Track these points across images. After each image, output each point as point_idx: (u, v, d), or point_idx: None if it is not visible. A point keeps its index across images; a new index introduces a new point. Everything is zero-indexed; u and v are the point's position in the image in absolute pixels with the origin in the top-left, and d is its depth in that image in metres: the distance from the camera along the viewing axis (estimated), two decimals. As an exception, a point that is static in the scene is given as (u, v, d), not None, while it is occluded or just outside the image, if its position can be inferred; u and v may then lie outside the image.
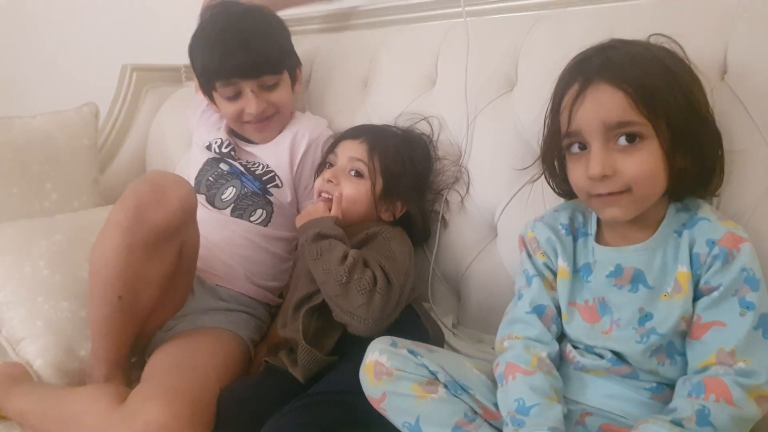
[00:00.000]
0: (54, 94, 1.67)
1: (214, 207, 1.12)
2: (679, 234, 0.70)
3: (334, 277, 0.85)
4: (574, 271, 0.76)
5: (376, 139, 1.01)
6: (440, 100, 1.10)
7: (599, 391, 0.72)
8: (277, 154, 1.14)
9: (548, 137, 0.77)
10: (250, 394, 0.86)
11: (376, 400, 0.73)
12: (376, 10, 1.27)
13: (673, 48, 0.72)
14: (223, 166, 1.15)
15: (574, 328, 0.74)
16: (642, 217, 0.71)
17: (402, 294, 0.87)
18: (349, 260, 0.85)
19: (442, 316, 1.04)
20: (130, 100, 1.52)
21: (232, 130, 1.20)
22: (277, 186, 1.13)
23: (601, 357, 0.72)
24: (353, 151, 1.00)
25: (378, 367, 0.72)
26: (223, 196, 1.12)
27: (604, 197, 0.69)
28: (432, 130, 1.08)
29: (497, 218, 1.02)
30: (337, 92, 1.25)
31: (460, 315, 1.07)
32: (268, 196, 1.12)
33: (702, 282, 0.68)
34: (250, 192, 1.12)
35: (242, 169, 1.14)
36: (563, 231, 0.78)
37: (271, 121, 1.14)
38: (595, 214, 0.77)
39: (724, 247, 0.66)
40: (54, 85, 1.93)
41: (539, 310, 0.76)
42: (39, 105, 1.41)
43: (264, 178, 1.13)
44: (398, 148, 1.02)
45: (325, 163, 1.04)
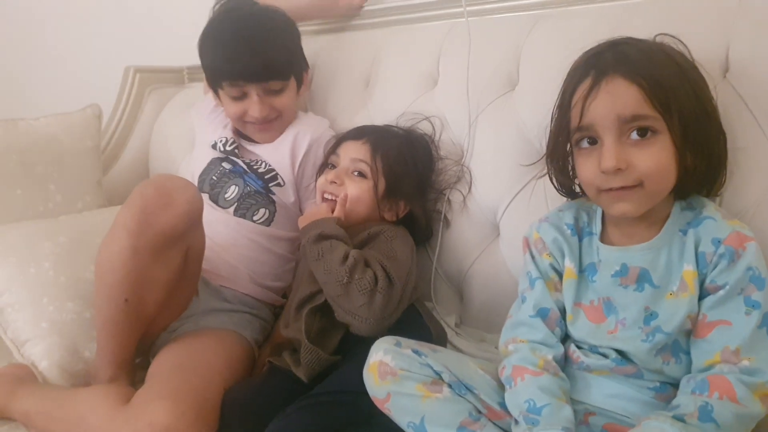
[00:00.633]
0: (57, 96, 1.67)
1: (218, 206, 1.12)
2: (684, 233, 0.70)
3: (335, 277, 0.85)
4: (580, 272, 0.76)
5: (378, 140, 1.01)
6: (442, 99, 1.10)
7: (603, 391, 0.72)
8: (278, 155, 1.14)
9: (556, 133, 0.76)
10: (254, 395, 0.86)
11: (381, 400, 0.73)
12: (377, 10, 1.27)
13: (679, 48, 0.73)
14: (226, 165, 1.16)
15: (579, 329, 0.74)
16: (647, 215, 0.71)
17: (404, 293, 0.87)
18: (350, 260, 0.85)
19: (445, 316, 1.04)
20: (133, 101, 1.52)
21: (237, 130, 1.20)
22: (279, 185, 1.13)
23: (606, 357, 0.72)
24: (356, 152, 1.00)
25: (382, 367, 0.72)
26: (227, 195, 1.13)
27: (615, 192, 0.69)
28: (434, 129, 1.08)
29: (499, 217, 1.02)
30: (339, 92, 1.25)
31: (463, 314, 1.08)
32: (271, 195, 1.12)
33: (708, 281, 0.67)
34: (253, 191, 1.12)
35: (245, 167, 1.14)
36: (569, 231, 0.78)
37: (273, 123, 1.14)
38: (599, 214, 0.77)
39: (730, 246, 0.66)
40: (57, 87, 1.94)
41: (543, 314, 0.76)
42: (42, 107, 1.41)
43: (266, 177, 1.13)
44: (400, 149, 1.02)
45: (327, 164, 1.04)
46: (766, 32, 0.82)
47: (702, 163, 0.69)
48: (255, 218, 1.11)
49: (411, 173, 1.02)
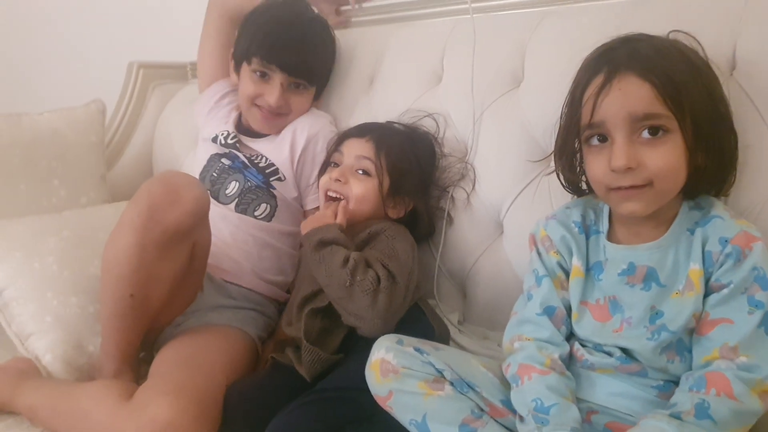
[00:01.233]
0: (61, 91, 1.67)
1: (219, 202, 1.12)
2: (692, 232, 0.70)
3: (337, 280, 0.85)
4: (587, 270, 0.75)
5: (381, 137, 1.01)
6: (446, 96, 1.10)
7: (606, 389, 0.71)
8: (278, 150, 1.14)
9: (565, 129, 0.75)
10: (257, 391, 0.86)
11: (383, 398, 0.73)
12: (381, 7, 1.26)
13: (692, 45, 0.72)
14: (226, 161, 1.16)
15: (584, 327, 0.74)
16: (655, 214, 0.70)
17: (407, 291, 0.87)
18: (351, 263, 0.85)
19: (448, 313, 1.04)
20: (137, 97, 1.52)
21: (239, 124, 1.20)
22: (280, 179, 1.13)
23: (610, 355, 0.71)
24: (360, 149, 1.00)
25: (384, 365, 0.72)
26: (227, 191, 1.13)
27: (624, 191, 0.68)
28: (438, 126, 1.08)
29: (503, 215, 1.01)
30: (343, 89, 1.25)
31: (466, 312, 1.07)
32: (272, 190, 1.12)
33: (713, 279, 0.67)
34: (254, 186, 1.12)
35: (246, 161, 1.14)
36: (576, 229, 0.77)
37: (280, 118, 1.14)
38: (606, 212, 0.77)
39: (737, 245, 0.66)
40: (61, 82, 1.94)
41: (550, 312, 0.75)
42: (46, 102, 1.41)
43: (267, 171, 1.13)
44: (404, 146, 1.02)
45: (330, 162, 1.04)
46: (774, 30, 0.81)
47: (712, 163, 0.69)
48: (256, 213, 1.11)
49: (414, 170, 1.01)
